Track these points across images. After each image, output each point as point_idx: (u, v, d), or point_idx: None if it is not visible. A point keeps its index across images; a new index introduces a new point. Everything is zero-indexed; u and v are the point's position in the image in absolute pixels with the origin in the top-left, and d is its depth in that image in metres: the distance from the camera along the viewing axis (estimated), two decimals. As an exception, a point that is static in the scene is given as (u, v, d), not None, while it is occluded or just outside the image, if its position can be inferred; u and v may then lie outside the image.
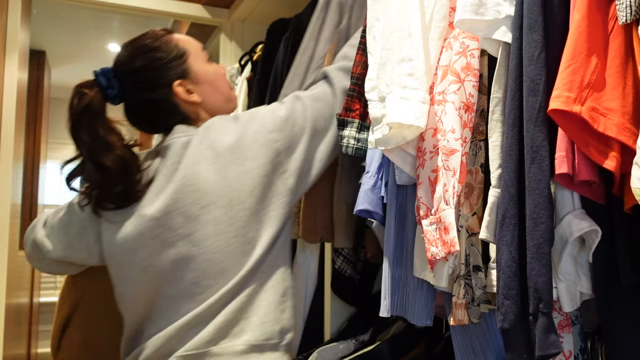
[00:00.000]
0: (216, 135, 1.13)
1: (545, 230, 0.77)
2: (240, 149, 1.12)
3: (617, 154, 0.74)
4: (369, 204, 1.10)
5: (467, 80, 0.92)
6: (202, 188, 1.09)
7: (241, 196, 1.09)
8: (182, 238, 1.09)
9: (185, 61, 1.19)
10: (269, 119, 1.16)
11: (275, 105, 1.22)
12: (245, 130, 1.14)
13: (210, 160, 1.11)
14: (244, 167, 1.10)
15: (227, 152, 1.11)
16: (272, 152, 1.13)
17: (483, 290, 0.92)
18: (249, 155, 1.11)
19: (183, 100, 1.18)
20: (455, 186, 0.89)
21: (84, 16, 3.47)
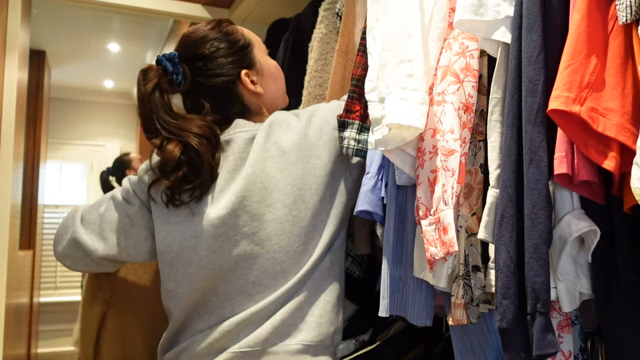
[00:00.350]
0: (281, 132, 1.12)
1: (543, 230, 0.77)
2: (304, 146, 1.10)
3: (616, 154, 0.74)
4: (369, 204, 1.10)
5: (467, 80, 0.92)
6: (269, 186, 1.08)
7: (305, 195, 1.08)
8: (246, 237, 1.07)
9: (251, 51, 1.18)
10: (331, 115, 1.14)
11: (336, 102, 1.20)
12: (308, 127, 1.13)
13: (276, 158, 1.09)
14: (309, 165, 1.10)
15: (292, 150, 1.10)
16: (336, 150, 1.12)
17: (482, 290, 0.92)
18: (314, 153, 1.10)
19: (248, 91, 1.16)
20: (454, 186, 0.89)
21: (84, 16, 3.47)
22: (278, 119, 1.15)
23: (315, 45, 1.60)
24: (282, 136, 1.12)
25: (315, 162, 1.10)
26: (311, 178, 1.09)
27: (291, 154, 1.10)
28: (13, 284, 2.19)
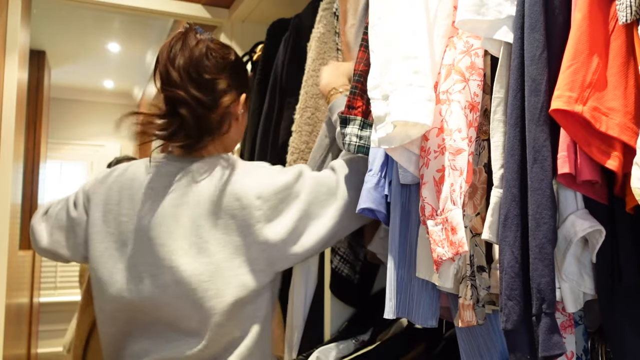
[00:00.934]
0: (205, 181, 1.10)
1: (548, 230, 0.77)
2: (221, 201, 1.09)
3: (619, 154, 0.74)
4: (372, 202, 1.10)
5: (472, 79, 0.92)
6: (174, 232, 1.08)
7: (210, 248, 1.07)
8: (151, 277, 1.10)
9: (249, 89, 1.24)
10: (263, 181, 1.12)
11: (277, 169, 1.17)
12: (235, 184, 1.10)
13: (191, 204, 1.09)
14: (221, 221, 1.08)
15: (209, 201, 1.08)
16: (250, 218, 1.08)
17: (487, 291, 0.92)
18: (228, 212, 1.08)
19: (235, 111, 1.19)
20: (463, 186, 0.88)
21: (84, 16, 3.47)
22: (211, 165, 1.13)
23: (313, 45, 1.60)
24: (205, 185, 1.10)
25: (227, 221, 1.09)
26: (219, 234, 1.09)
27: (206, 204, 1.09)
28: (13, 284, 2.19)
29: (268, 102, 1.85)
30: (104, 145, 5.44)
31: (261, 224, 1.08)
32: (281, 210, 1.11)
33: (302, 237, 1.12)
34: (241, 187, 1.10)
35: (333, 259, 1.55)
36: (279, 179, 1.12)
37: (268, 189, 1.10)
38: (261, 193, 1.09)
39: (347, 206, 1.16)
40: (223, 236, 1.07)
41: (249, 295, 1.08)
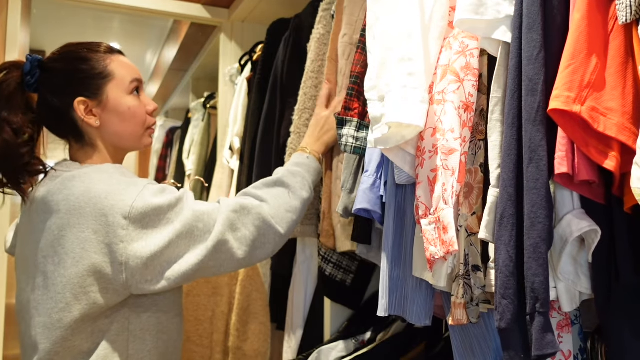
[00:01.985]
0: (76, 189, 1.06)
1: (543, 230, 0.77)
2: (88, 215, 1.03)
3: (617, 154, 0.74)
4: (368, 203, 1.10)
5: (467, 79, 0.92)
6: (46, 235, 1.08)
7: (67, 262, 1.04)
8: (24, 289, 1.14)
9: (103, 84, 1.15)
10: (135, 201, 1.03)
11: (156, 189, 1.08)
12: (104, 199, 1.03)
13: (61, 212, 1.06)
14: (83, 235, 1.03)
15: (77, 212, 1.04)
16: (114, 236, 1.02)
17: (482, 290, 0.92)
18: (92, 226, 1.03)
19: (80, 119, 1.15)
20: (454, 186, 0.89)
21: (84, 16, 3.47)
22: (83, 175, 1.09)
23: (313, 46, 1.60)
24: (75, 194, 1.06)
25: (89, 236, 1.04)
26: (78, 249, 1.05)
27: (74, 215, 1.04)
28: (13, 283, 2.19)
29: (268, 103, 1.85)
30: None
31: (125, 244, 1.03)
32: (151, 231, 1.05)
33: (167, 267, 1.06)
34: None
35: (326, 267, 1.55)
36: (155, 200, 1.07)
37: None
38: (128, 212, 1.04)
39: (216, 247, 1.09)
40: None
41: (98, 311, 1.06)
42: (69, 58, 1.17)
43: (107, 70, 1.16)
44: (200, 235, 1.07)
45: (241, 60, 2.37)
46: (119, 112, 1.17)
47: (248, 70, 2.25)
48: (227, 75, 2.47)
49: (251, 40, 2.39)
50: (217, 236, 1.08)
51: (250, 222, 1.13)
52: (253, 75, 2.15)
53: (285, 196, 1.21)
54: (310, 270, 1.76)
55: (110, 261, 1.02)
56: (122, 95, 1.17)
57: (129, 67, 1.21)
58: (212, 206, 1.12)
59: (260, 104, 1.91)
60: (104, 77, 1.16)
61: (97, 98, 1.15)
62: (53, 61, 1.17)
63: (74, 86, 1.15)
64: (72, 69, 1.15)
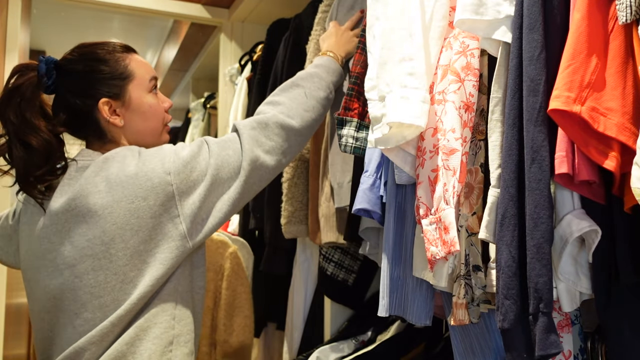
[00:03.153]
0: (113, 168, 1.10)
1: (546, 230, 0.77)
2: (132, 185, 1.08)
3: (617, 154, 0.74)
4: (368, 203, 1.10)
5: (467, 79, 0.92)
6: (90, 221, 1.07)
7: (125, 234, 1.06)
8: (69, 267, 1.08)
9: (125, 84, 1.16)
10: (168, 159, 1.11)
11: (180, 145, 1.16)
12: (142, 167, 1.09)
13: (102, 192, 1.08)
14: (133, 206, 1.07)
15: (120, 187, 1.08)
16: (164, 195, 1.08)
17: (483, 290, 0.92)
18: (140, 194, 1.07)
19: (104, 119, 1.15)
20: (455, 186, 0.89)
21: (84, 16, 3.47)
22: (115, 154, 1.13)
23: (312, 47, 1.60)
24: (114, 172, 1.10)
25: (140, 203, 1.07)
26: (133, 219, 1.07)
27: (117, 190, 1.08)
28: (13, 284, 2.19)
29: (268, 102, 1.85)
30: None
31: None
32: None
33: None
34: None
35: (327, 267, 1.55)
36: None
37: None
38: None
39: (252, 168, 1.16)
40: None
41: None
42: (88, 59, 1.17)
43: (128, 70, 1.18)
44: (234, 168, 1.14)
45: (241, 60, 2.37)
46: (141, 110, 1.19)
47: (248, 70, 2.25)
48: (227, 75, 2.47)
49: (251, 40, 2.39)
50: (248, 157, 1.15)
51: (272, 133, 1.19)
52: (253, 75, 2.15)
53: (302, 96, 1.26)
54: (310, 270, 1.76)
55: (168, 218, 1.08)
56: (143, 94, 1.19)
57: (146, 66, 1.23)
58: (231, 136, 1.19)
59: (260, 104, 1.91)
60: (126, 77, 1.17)
61: (121, 98, 1.16)
62: (72, 63, 1.17)
63: (97, 87, 1.15)
64: (93, 70, 1.16)
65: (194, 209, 1.09)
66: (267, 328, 2.07)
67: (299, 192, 1.59)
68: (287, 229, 1.59)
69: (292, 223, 1.58)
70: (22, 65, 1.16)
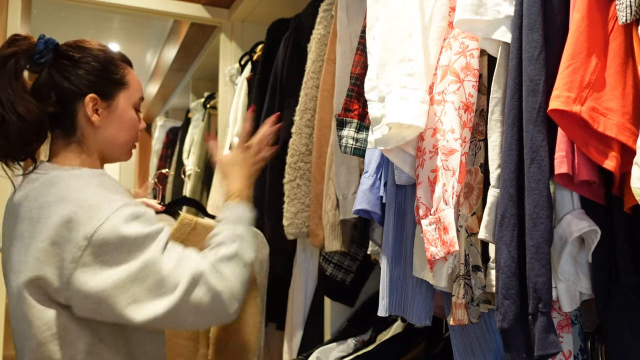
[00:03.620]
0: (52, 192, 1.05)
1: (545, 230, 0.77)
2: (39, 227, 1.03)
3: (617, 154, 0.74)
4: (368, 203, 1.10)
5: (467, 80, 0.92)
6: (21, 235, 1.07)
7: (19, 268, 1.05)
8: (15, 273, 1.08)
9: (118, 90, 1.16)
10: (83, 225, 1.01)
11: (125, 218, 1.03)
12: (53, 215, 1.02)
13: (29, 220, 1.06)
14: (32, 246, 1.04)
15: (30, 220, 1.04)
16: (57, 258, 1.00)
17: (482, 290, 0.92)
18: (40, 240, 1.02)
19: (84, 114, 1.12)
20: (455, 186, 0.89)
21: (84, 16, 3.47)
22: (58, 188, 1.06)
23: (314, 47, 1.60)
24: (44, 206, 1.05)
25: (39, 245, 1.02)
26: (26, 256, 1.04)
27: (37, 228, 1.03)
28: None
29: (268, 102, 1.85)
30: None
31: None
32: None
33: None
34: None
35: (327, 267, 1.56)
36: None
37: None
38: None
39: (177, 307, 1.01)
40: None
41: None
42: (92, 53, 1.16)
43: (125, 79, 1.18)
44: (157, 288, 1.00)
45: (241, 60, 2.37)
46: (123, 120, 1.17)
47: (248, 70, 2.25)
48: (227, 75, 2.47)
49: (251, 40, 2.39)
50: (178, 295, 1.01)
51: (207, 294, 1.04)
52: (253, 75, 2.15)
53: (243, 272, 1.11)
54: (310, 270, 1.76)
55: (58, 275, 1.00)
56: (129, 106, 1.19)
57: (139, 84, 1.23)
58: (179, 260, 1.04)
59: (260, 104, 1.91)
60: (121, 84, 1.17)
61: (108, 101, 1.15)
62: (74, 49, 1.15)
63: (92, 81, 1.14)
64: (94, 63, 1.15)
65: (81, 294, 0.98)
66: (267, 328, 2.07)
67: (301, 194, 1.59)
68: (289, 230, 1.59)
69: (294, 225, 1.58)
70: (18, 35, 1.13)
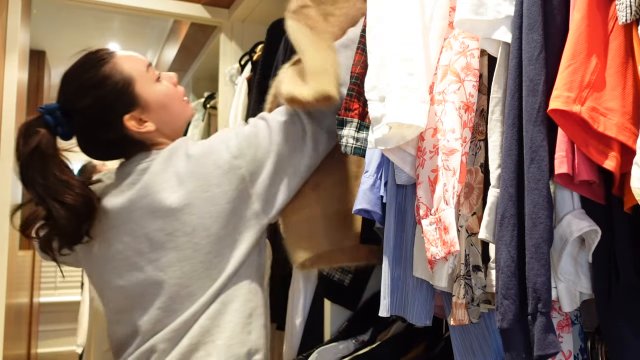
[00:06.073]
0: (179, 162, 1.11)
1: (544, 230, 0.77)
2: (204, 175, 1.09)
3: (617, 154, 0.74)
4: (368, 203, 1.10)
5: (467, 80, 0.92)
6: (166, 215, 1.08)
7: (206, 223, 1.08)
8: (150, 263, 1.09)
9: (132, 90, 1.14)
10: (232, 143, 1.13)
11: (239, 128, 1.18)
12: (208, 156, 1.11)
13: (174, 187, 1.09)
14: (208, 194, 1.09)
15: (191, 179, 1.09)
16: (237, 179, 1.10)
17: (483, 290, 0.92)
18: (213, 182, 1.09)
19: (137, 132, 1.14)
20: (455, 186, 0.89)
21: (84, 16, 3.47)
22: (180, 147, 1.14)
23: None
24: (181, 165, 1.11)
25: (215, 191, 1.09)
26: (211, 207, 1.08)
27: (189, 182, 1.09)
28: (13, 284, 2.19)
29: (268, 102, 1.85)
30: (104, 145, 5.43)
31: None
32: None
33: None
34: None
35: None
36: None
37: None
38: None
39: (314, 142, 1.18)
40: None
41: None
42: (87, 89, 1.13)
43: (125, 74, 1.14)
44: (296, 140, 1.16)
45: (241, 60, 2.37)
46: (160, 104, 1.18)
47: (248, 70, 2.25)
48: (227, 75, 2.47)
49: (251, 40, 2.39)
50: (310, 130, 1.17)
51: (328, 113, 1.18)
52: (253, 75, 2.14)
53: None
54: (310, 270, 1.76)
55: (243, 200, 1.10)
56: (150, 86, 1.17)
57: (134, 58, 1.19)
58: (291, 110, 1.18)
59: (260, 104, 1.91)
60: (129, 83, 1.14)
61: (138, 105, 1.14)
62: (76, 100, 1.13)
63: (114, 109, 1.13)
64: (100, 96, 1.12)
65: (264, 186, 1.12)
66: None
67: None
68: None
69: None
70: (27, 123, 1.11)
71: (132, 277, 1.10)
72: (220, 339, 1.09)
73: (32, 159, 1.08)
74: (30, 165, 1.08)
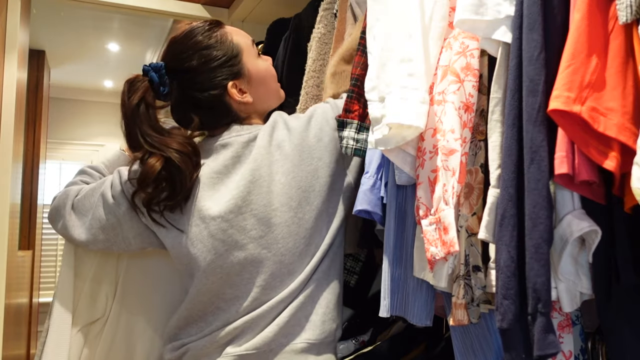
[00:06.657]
0: (282, 135, 1.12)
1: (544, 230, 0.77)
2: (306, 148, 1.11)
3: (617, 154, 0.73)
4: (368, 204, 1.10)
5: (467, 80, 0.92)
6: (274, 190, 1.08)
7: (310, 197, 1.09)
8: (253, 240, 1.08)
9: (240, 60, 1.16)
10: (330, 115, 1.15)
11: (332, 102, 1.19)
12: (308, 129, 1.13)
13: (280, 161, 1.10)
14: (312, 167, 1.10)
15: (295, 153, 1.10)
16: (337, 150, 1.12)
17: (483, 291, 0.92)
18: (315, 155, 1.11)
19: (236, 101, 1.15)
20: (455, 186, 0.89)
21: (84, 16, 3.47)
22: (279, 121, 1.15)
23: (314, 45, 1.60)
24: (284, 139, 1.12)
25: (318, 164, 1.11)
26: (315, 180, 1.10)
27: (294, 156, 1.10)
28: (13, 284, 2.19)
29: (267, 102, 1.85)
30: (103, 145, 5.43)
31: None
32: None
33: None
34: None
35: None
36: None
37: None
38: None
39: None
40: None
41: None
42: (197, 51, 1.14)
43: (234, 44, 1.16)
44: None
45: (241, 60, 2.36)
46: (261, 78, 1.19)
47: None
48: (227, 75, 2.46)
49: (251, 40, 2.39)
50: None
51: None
52: (253, 75, 2.14)
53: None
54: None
55: (340, 172, 1.12)
56: (254, 60, 1.19)
57: (243, 33, 1.21)
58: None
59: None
60: (237, 52, 1.16)
61: (242, 75, 1.16)
62: (183, 60, 1.14)
63: (220, 74, 1.14)
64: (209, 59, 1.14)
65: (356, 162, 1.14)
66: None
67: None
68: None
69: None
70: (132, 79, 1.12)
71: (231, 256, 1.08)
72: (316, 314, 1.10)
73: (139, 111, 1.09)
74: (138, 117, 1.09)
